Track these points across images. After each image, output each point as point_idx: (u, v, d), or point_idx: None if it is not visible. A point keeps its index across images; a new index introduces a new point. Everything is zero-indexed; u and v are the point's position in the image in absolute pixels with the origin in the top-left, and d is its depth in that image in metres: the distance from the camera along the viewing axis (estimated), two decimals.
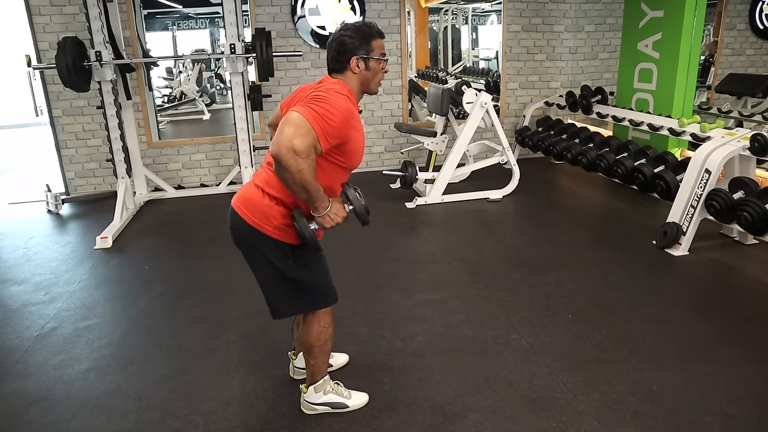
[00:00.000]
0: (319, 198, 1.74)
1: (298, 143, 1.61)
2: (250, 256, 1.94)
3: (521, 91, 6.26)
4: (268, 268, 1.92)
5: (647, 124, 4.44)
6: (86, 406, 2.30)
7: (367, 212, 1.86)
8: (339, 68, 1.90)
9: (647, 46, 4.84)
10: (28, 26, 5.01)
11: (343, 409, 2.17)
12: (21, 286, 3.53)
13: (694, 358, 2.46)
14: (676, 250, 3.60)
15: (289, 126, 1.64)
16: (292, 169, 1.62)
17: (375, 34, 1.91)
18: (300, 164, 1.62)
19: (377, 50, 1.91)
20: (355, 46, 1.87)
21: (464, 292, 3.20)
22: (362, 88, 1.94)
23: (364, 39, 1.88)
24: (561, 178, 5.64)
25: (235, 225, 1.89)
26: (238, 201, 1.91)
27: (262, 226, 1.85)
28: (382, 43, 1.94)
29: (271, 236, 1.85)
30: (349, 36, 1.87)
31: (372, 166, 6.13)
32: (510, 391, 2.28)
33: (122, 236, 4.36)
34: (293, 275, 1.92)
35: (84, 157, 5.46)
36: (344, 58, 1.88)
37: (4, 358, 2.70)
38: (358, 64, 1.88)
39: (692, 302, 2.99)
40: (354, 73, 1.89)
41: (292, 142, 1.60)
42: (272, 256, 1.89)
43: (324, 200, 1.77)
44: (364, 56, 1.88)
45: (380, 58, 1.92)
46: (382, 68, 1.95)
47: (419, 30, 8.46)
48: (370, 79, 1.93)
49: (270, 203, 1.84)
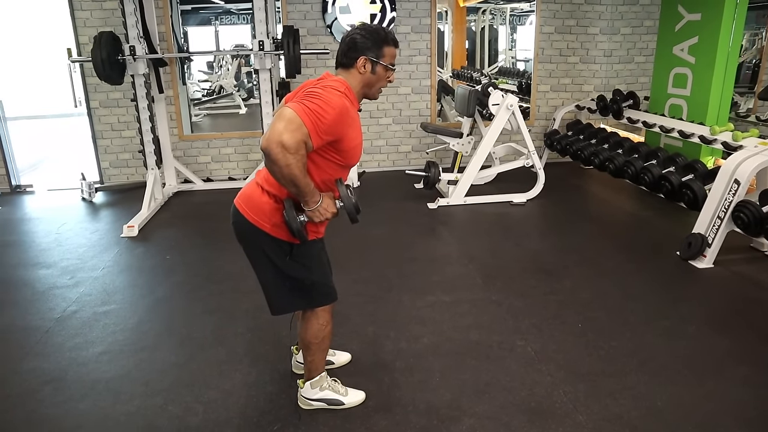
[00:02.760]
0: (309, 192, 1.77)
1: (287, 138, 1.63)
2: (250, 252, 1.98)
3: (552, 93, 6.14)
4: (266, 265, 1.96)
5: (678, 130, 4.30)
6: (96, 388, 2.39)
7: (357, 210, 1.88)
8: (346, 64, 1.91)
9: (683, 50, 4.67)
10: (70, 21, 5.22)
11: (338, 406, 2.19)
12: (49, 269, 3.68)
13: (704, 376, 2.37)
14: (700, 262, 3.47)
15: (280, 121, 1.66)
16: (280, 164, 1.65)
17: (389, 41, 1.92)
18: (288, 159, 1.65)
19: (388, 57, 1.92)
20: (367, 46, 1.88)
21: (475, 296, 3.17)
22: (363, 90, 1.94)
23: (376, 42, 1.89)
24: (589, 184, 5.51)
25: (236, 222, 1.94)
26: (239, 198, 1.95)
27: (260, 223, 1.88)
28: (395, 51, 1.95)
29: (269, 233, 1.89)
30: (362, 36, 1.89)
31: (398, 165, 6.13)
32: (508, 398, 2.25)
33: (148, 226, 4.49)
34: (291, 273, 1.95)
35: (118, 148, 5.65)
36: (353, 55, 1.88)
37: (26, 337, 2.83)
38: (365, 65, 1.89)
39: (711, 317, 2.88)
40: (359, 73, 1.90)
41: (282, 137, 1.63)
42: (270, 253, 1.92)
43: (314, 195, 1.79)
44: (372, 59, 1.88)
45: (388, 66, 1.93)
46: (388, 77, 1.95)
47: (456, 29, 8.41)
48: (373, 83, 1.93)
49: (268, 201, 1.87)
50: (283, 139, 1.63)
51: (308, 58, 5.56)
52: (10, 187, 5.61)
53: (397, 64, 5.96)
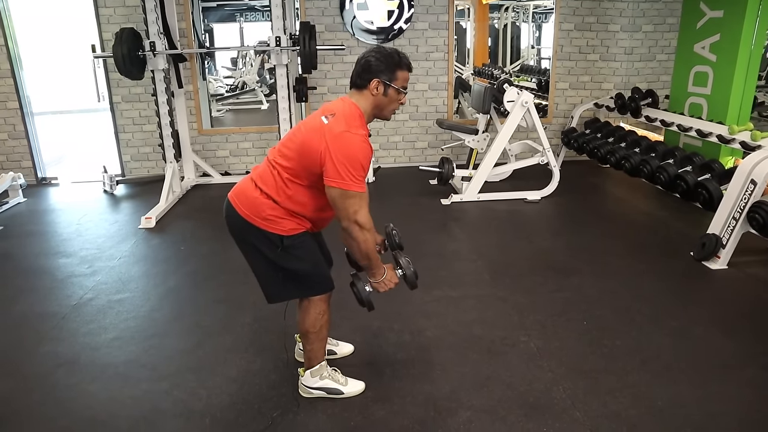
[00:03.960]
0: (377, 266, 2.02)
1: (361, 217, 1.88)
2: (242, 245, 2.05)
3: (571, 91, 6.08)
4: (259, 258, 2.02)
5: (696, 129, 4.22)
6: (106, 372, 2.48)
7: (416, 278, 2.08)
8: (360, 85, 1.97)
9: (704, 48, 4.59)
10: (94, 17, 5.35)
11: (338, 395, 2.22)
12: (69, 258, 3.80)
13: (708, 377, 2.34)
14: (714, 263, 3.42)
15: (344, 202, 1.86)
16: (359, 240, 1.91)
17: (403, 66, 1.97)
18: (366, 235, 1.91)
19: (400, 81, 1.97)
20: (380, 69, 1.93)
21: (482, 292, 3.18)
22: (375, 111, 2.00)
23: (390, 66, 1.94)
24: (605, 183, 5.45)
25: (228, 215, 2.01)
26: (233, 193, 2.02)
27: (251, 217, 1.94)
28: (408, 75, 2.00)
29: (259, 227, 1.95)
30: (376, 58, 1.94)
31: (414, 161, 6.14)
32: (507, 392, 2.26)
33: (166, 217, 4.60)
34: (283, 264, 2.00)
35: (139, 142, 5.79)
36: (366, 77, 1.94)
37: (44, 323, 2.93)
38: (377, 87, 1.94)
39: (720, 319, 2.83)
40: (372, 95, 1.95)
41: (357, 217, 1.87)
42: (262, 246, 1.98)
43: (381, 268, 2.04)
44: (385, 81, 1.93)
45: (400, 89, 1.97)
46: (400, 99, 2.00)
47: (479, 27, 8.37)
48: (384, 105, 1.99)
49: (260, 196, 1.94)
50: (358, 219, 1.87)
51: (325, 54, 5.60)
52: (36, 179, 5.79)
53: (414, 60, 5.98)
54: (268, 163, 1.99)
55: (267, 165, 1.99)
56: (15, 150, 5.70)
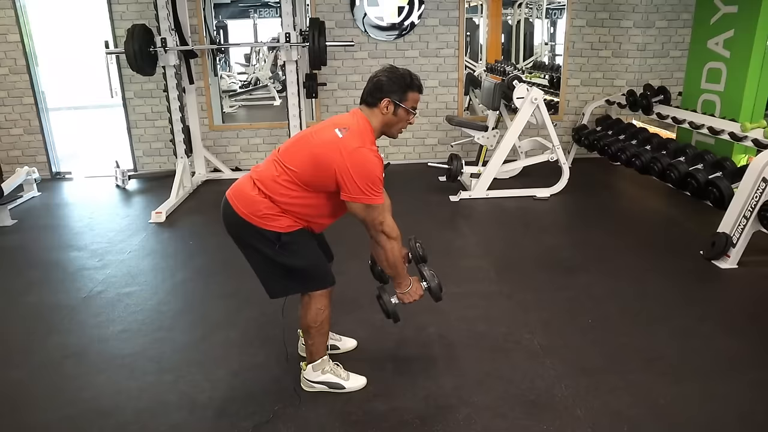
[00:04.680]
0: (403, 276, 2.10)
1: (387, 227, 1.98)
2: (240, 244, 2.08)
3: (583, 88, 6.02)
4: (257, 255, 2.05)
5: (708, 127, 4.17)
6: (113, 364, 2.52)
7: (441, 290, 2.13)
8: (370, 102, 2.00)
9: (717, 44, 4.52)
10: (108, 14, 5.42)
11: (339, 390, 2.24)
12: (80, 252, 3.86)
13: (713, 378, 2.32)
14: (723, 262, 3.37)
15: (371, 214, 1.94)
16: (386, 248, 2.00)
17: (414, 87, 2.01)
18: (393, 244, 2.01)
19: (411, 102, 2.01)
20: (392, 90, 1.97)
21: (487, 289, 3.17)
22: (383, 129, 2.03)
23: (401, 87, 1.98)
24: (616, 180, 5.40)
25: (226, 214, 2.03)
26: (231, 191, 2.05)
27: (248, 215, 1.97)
28: (419, 97, 2.04)
29: (256, 225, 1.97)
30: (388, 78, 1.98)
31: (424, 157, 6.13)
32: (509, 390, 2.26)
33: (176, 212, 4.65)
34: (281, 261, 2.02)
35: (151, 137, 5.85)
36: (378, 95, 1.98)
37: (54, 314, 2.99)
38: (387, 106, 1.98)
39: (728, 319, 2.80)
40: (382, 113, 1.99)
41: (383, 227, 1.97)
42: (259, 243, 2.00)
43: (406, 279, 2.11)
44: (396, 101, 1.97)
45: (410, 110, 2.01)
46: (408, 119, 2.04)
47: (492, 23, 8.32)
48: (393, 124, 2.03)
49: (257, 195, 1.97)
50: (385, 229, 1.97)
51: (335, 50, 5.61)
52: (51, 174, 5.88)
53: (425, 57, 6.00)
54: (272, 166, 1.99)
55: (271, 167, 1.99)
56: (30, 145, 5.80)
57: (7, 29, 5.42)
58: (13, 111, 5.68)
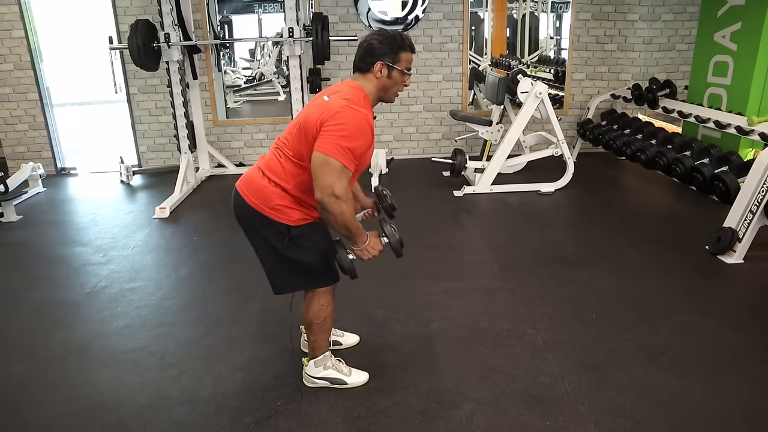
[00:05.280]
0: (358, 234, 1.93)
1: (338, 189, 1.78)
2: (250, 235, 2.06)
3: (588, 82, 5.98)
4: (266, 247, 2.03)
5: (714, 121, 4.13)
6: (116, 359, 2.53)
7: (401, 245, 2.00)
8: (363, 68, 1.96)
9: (724, 37, 4.47)
10: (112, 9, 5.42)
11: (341, 386, 2.24)
12: (85, 247, 3.88)
13: (718, 373, 2.30)
14: (729, 257, 3.35)
15: (325, 171, 1.78)
16: (335, 212, 1.81)
17: (405, 47, 1.96)
18: (342, 207, 1.81)
19: (404, 63, 1.96)
20: (383, 52, 1.92)
21: (490, 284, 3.16)
22: (379, 94, 1.99)
23: (393, 48, 1.93)
24: (621, 175, 5.36)
25: (237, 205, 2.01)
26: (241, 182, 2.03)
27: (259, 206, 1.95)
28: (411, 57, 1.99)
29: (268, 216, 1.95)
30: (379, 41, 1.93)
31: (429, 152, 6.12)
32: (511, 385, 2.25)
33: (180, 208, 4.66)
34: (290, 254, 2.00)
35: (156, 133, 5.86)
36: (370, 60, 1.93)
37: (58, 310, 3.00)
38: (381, 70, 1.93)
39: (733, 314, 2.78)
40: (376, 78, 1.95)
41: (333, 189, 1.78)
42: (270, 235, 1.98)
43: (363, 235, 1.95)
44: (389, 64, 1.93)
45: (404, 71, 1.97)
46: (404, 81, 1.99)
47: (497, 17, 8.27)
48: (389, 88, 1.98)
49: (268, 185, 1.94)
50: (335, 190, 1.77)
51: (339, 45, 5.59)
52: (56, 169, 5.90)
53: (429, 51, 5.96)
54: (273, 150, 1.99)
55: (273, 152, 1.99)
56: (35, 141, 5.82)
57: (12, 25, 5.43)
58: (18, 107, 5.69)
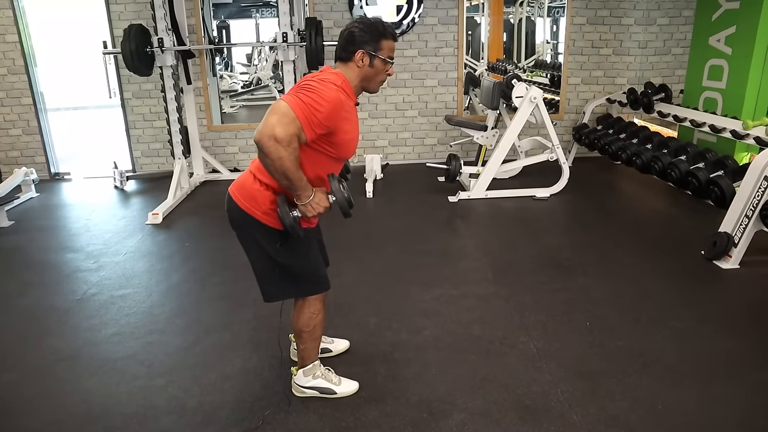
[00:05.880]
0: (301, 187, 1.78)
1: (279, 131, 1.65)
2: (242, 239, 2.02)
3: (583, 86, 5.97)
4: (258, 252, 1.99)
5: (709, 125, 4.11)
6: (104, 368, 2.49)
7: (350, 205, 1.88)
8: (344, 57, 1.91)
9: (719, 41, 4.46)
10: (106, 14, 5.40)
11: (331, 395, 2.20)
12: (76, 253, 3.84)
13: (714, 381, 2.28)
14: (725, 262, 3.32)
15: (273, 114, 1.68)
16: (272, 156, 1.67)
17: (387, 35, 1.91)
18: (280, 152, 1.67)
19: (386, 51, 1.91)
20: (364, 40, 1.88)
21: (484, 291, 3.13)
22: (362, 84, 1.94)
23: (374, 36, 1.88)
24: (617, 180, 5.35)
25: (229, 209, 1.98)
26: (233, 186, 1.99)
27: (251, 210, 1.91)
28: (393, 45, 1.94)
29: (260, 221, 1.91)
30: (360, 29, 1.89)
31: (424, 158, 6.10)
32: (504, 394, 2.22)
33: (173, 213, 4.62)
34: (281, 260, 1.97)
35: (150, 138, 5.83)
36: (351, 49, 1.88)
37: (48, 317, 2.96)
38: (362, 58, 1.88)
39: (729, 320, 2.75)
40: (358, 67, 1.90)
41: (274, 130, 1.65)
42: (261, 240, 1.95)
43: (307, 189, 1.81)
44: (370, 52, 1.88)
45: (386, 60, 1.92)
46: (387, 70, 1.95)
47: (494, 22, 8.27)
48: (371, 77, 1.93)
49: (260, 188, 1.90)
50: (275, 132, 1.65)
51: (332, 50, 5.56)
52: (50, 175, 5.87)
53: (424, 56, 5.91)
54: None
55: None
56: (29, 146, 5.79)
57: (6, 29, 5.41)
58: (12, 111, 5.67)
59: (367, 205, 4.69)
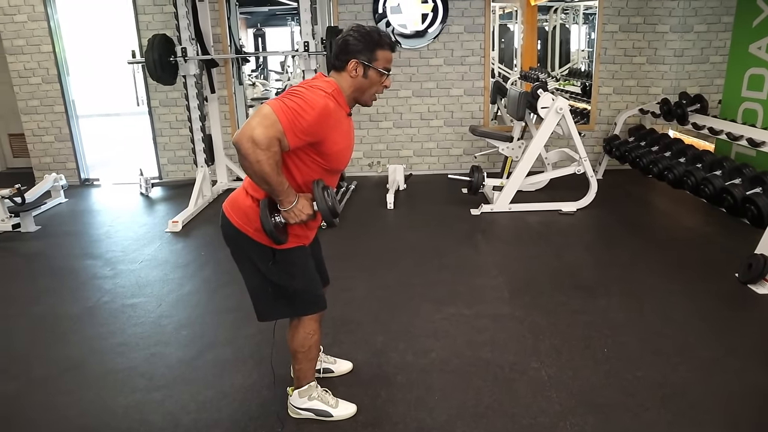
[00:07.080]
0: (282, 192, 1.73)
1: (258, 133, 1.60)
2: (236, 256, 1.97)
3: (615, 96, 5.76)
4: (250, 270, 1.94)
5: (747, 138, 3.87)
6: (105, 379, 2.48)
7: (334, 215, 1.80)
8: (338, 66, 1.84)
9: (760, 49, 4.21)
10: (134, 24, 5.51)
11: (327, 417, 2.13)
12: (95, 260, 3.89)
13: (739, 422, 2.09)
14: (761, 287, 3.10)
15: (255, 116, 1.64)
16: (250, 159, 1.62)
17: (384, 44, 1.82)
18: (258, 155, 1.61)
19: (381, 62, 1.82)
20: (358, 49, 1.79)
21: (498, 311, 3.00)
22: (355, 95, 1.86)
23: (369, 45, 1.80)
24: (648, 194, 5.11)
25: (223, 225, 1.93)
26: (226, 202, 1.94)
27: (244, 227, 1.86)
28: (390, 56, 1.85)
29: (252, 238, 1.86)
30: (354, 38, 1.81)
31: (449, 168, 6.00)
32: (508, 425, 2.10)
33: (193, 221, 4.65)
34: (274, 279, 1.91)
35: (176, 145, 5.91)
36: (344, 58, 1.81)
37: (60, 325, 2.99)
38: (356, 68, 1.80)
39: (761, 352, 2.54)
40: (351, 77, 1.82)
41: (254, 132, 1.60)
42: (254, 257, 1.89)
43: (289, 195, 1.75)
44: (365, 62, 1.80)
45: (381, 71, 1.83)
46: (382, 82, 1.86)
47: (527, 29, 8.11)
48: (365, 88, 1.85)
49: (252, 204, 1.84)
50: (254, 134, 1.60)
51: None
52: (80, 180, 6.01)
53: (449, 65, 5.79)
54: None
55: None
56: (61, 152, 5.95)
57: (41, 40, 5.58)
58: (45, 119, 5.84)
59: (387, 216, 4.61)
